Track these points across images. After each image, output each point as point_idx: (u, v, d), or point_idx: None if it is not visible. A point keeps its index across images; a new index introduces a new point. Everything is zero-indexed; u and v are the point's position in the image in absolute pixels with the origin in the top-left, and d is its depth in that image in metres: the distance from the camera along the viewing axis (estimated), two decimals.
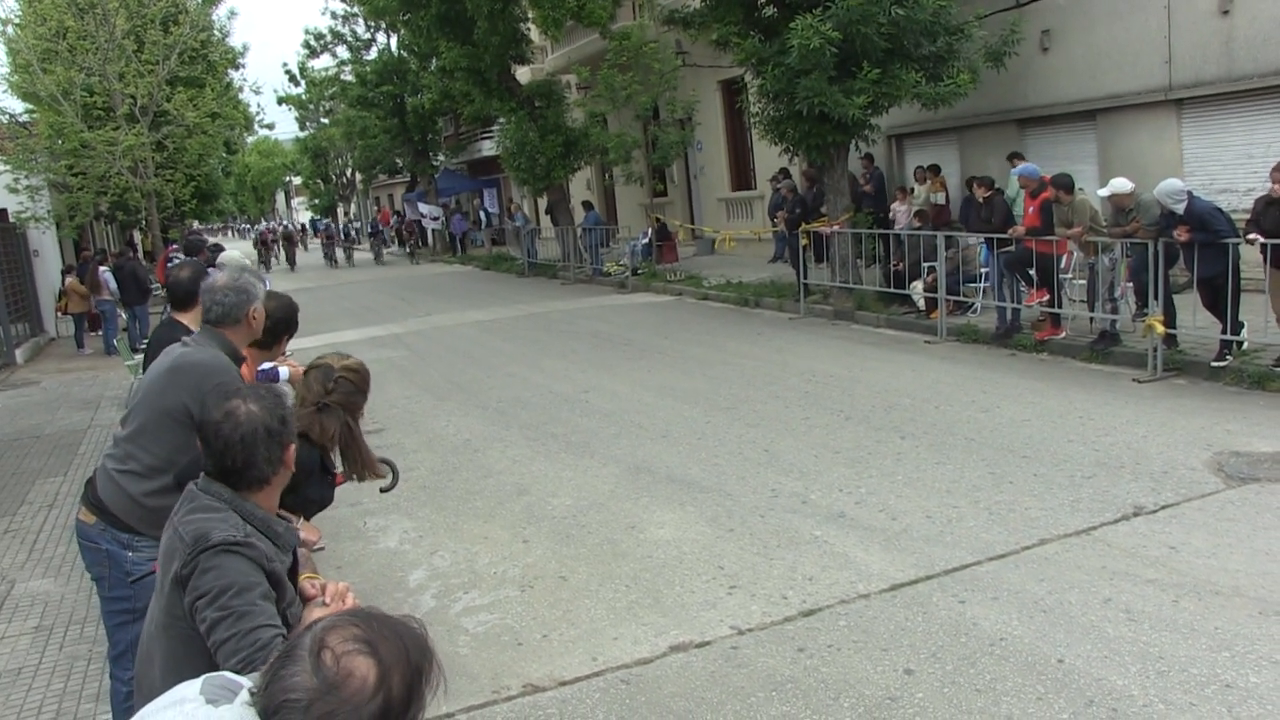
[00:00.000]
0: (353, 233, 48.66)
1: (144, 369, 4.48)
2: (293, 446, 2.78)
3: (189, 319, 4.65)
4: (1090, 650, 4.76)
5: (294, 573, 2.85)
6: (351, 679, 1.61)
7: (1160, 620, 5.00)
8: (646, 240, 24.08)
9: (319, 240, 49.36)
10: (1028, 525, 6.41)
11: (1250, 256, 10.06)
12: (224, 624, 2.45)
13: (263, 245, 46.14)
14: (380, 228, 45.80)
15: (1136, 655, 4.67)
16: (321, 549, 6.64)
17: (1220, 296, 9.80)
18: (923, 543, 6.29)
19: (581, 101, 25.58)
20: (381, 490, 4.15)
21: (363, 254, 44.36)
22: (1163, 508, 6.53)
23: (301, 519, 3.93)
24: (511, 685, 4.99)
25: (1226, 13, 13.37)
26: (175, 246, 21.06)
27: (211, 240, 20.72)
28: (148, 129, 22.28)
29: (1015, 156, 15.76)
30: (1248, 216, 10.04)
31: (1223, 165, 13.71)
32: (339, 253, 41.82)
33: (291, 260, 44.00)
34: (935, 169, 17.70)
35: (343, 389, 3.97)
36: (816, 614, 5.46)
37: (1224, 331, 9.83)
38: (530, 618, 5.76)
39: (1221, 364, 9.79)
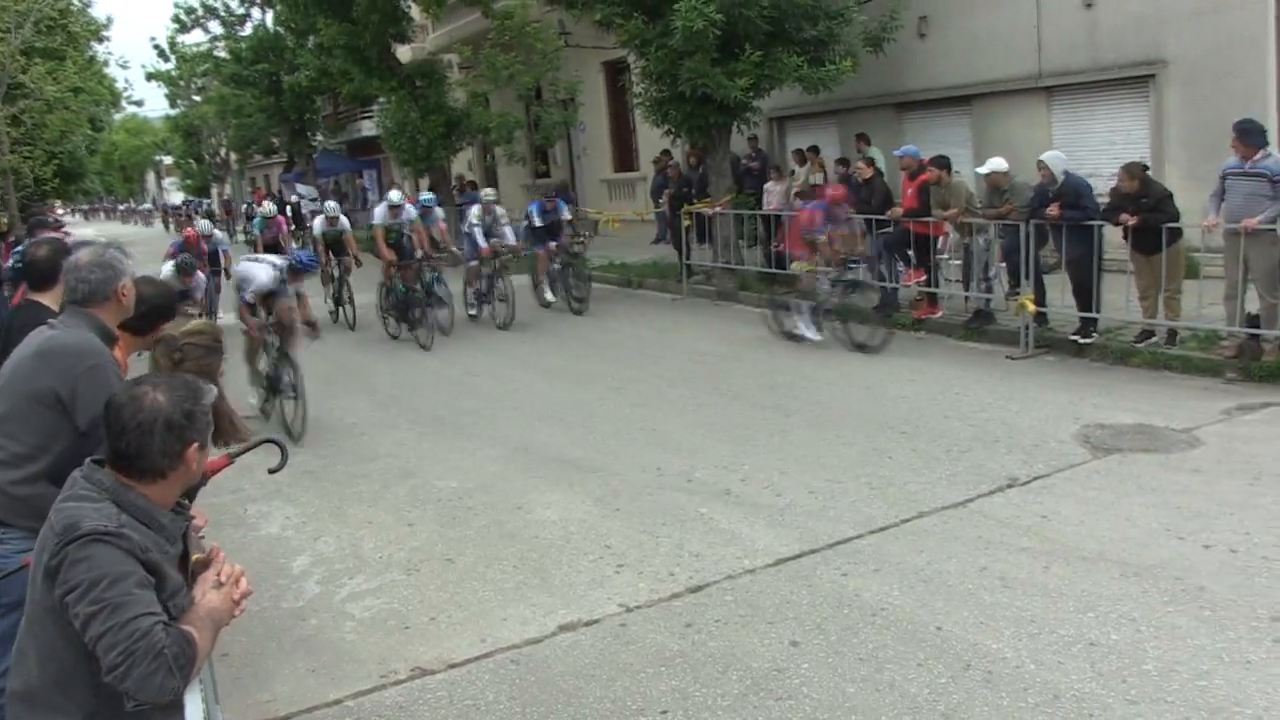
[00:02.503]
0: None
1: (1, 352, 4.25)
2: (196, 446, 2.68)
3: (49, 299, 4.44)
4: (967, 617, 4.91)
5: (184, 562, 2.75)
6: None
7: (1032, 586, 5.18)
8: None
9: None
10: (907, 499, 6.57)
11: (1113, 238, 10.45)
12: (99, 618, 2.35)
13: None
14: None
15: (1010, 619, 4.84)
16: (202, 538, 6.46)
17: (1086, 276, 10.17)
18: (806, 518, 6.40)
19: (464, 81, 25.22)
20: (270, 471, 4.04)
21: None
22: (1034, 479, 6.77)
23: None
24: (400, 669, 4.94)
25: (1090, 5, 13.88)
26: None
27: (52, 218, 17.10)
28: (1, 102, 21.24)
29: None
30: (1107, 201, 10.45)
31: (1089, 150, 14.20)
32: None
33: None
34: (815, 150, 17.94)
35: (193, 355, 3.82)
36: (703, 590, 5.52)
37: (1086, 310, 10.22)
38: (417, 601, 5.70)
39: (1088, 340, 10.17)
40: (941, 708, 4.20)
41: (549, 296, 15.52)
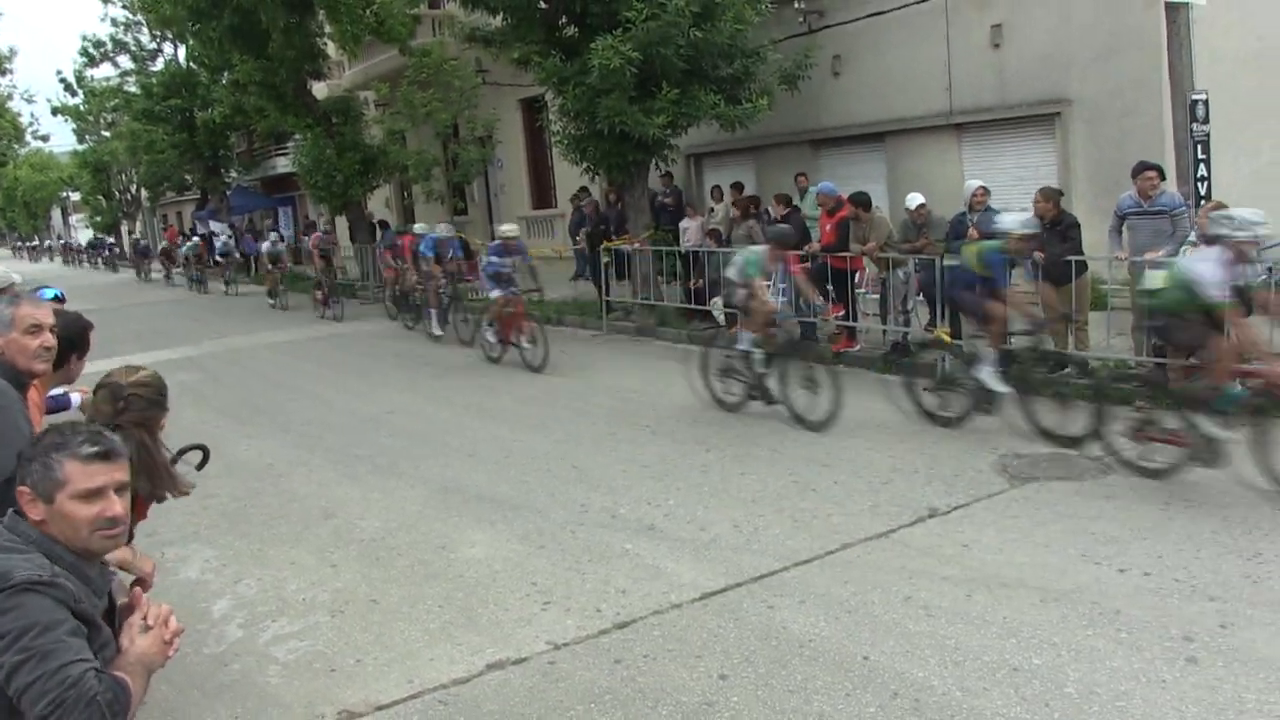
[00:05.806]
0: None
1: None
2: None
3: None
4: (893, 646, 4.97)
5: (110, 616, 2.67)
6: None
7: (955, 614, 5.27)
8: None
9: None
10: (830, 531, 6.64)
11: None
12: (26, 667, 2.25)
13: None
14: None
15: (935, 648, 4.91)
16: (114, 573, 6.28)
17: None
18: (731, 551, 6.43)
19: (380, 118, 25.14)
20: (198, 468, 4.00)
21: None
22: (955, 508, 6.90)
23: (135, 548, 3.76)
24: (326, 713, 4.84)
25: (998, 46, 14.34)
26: None
27: None
28: None
29: (801, 176, 16.40)
30: None
31: (999, 186, 14.51)
32: None
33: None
34: (739, 186, 18.06)
35: (136, 407, 3.74)
36: (631, 625, 5.51)
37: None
38: (343, 643, 5.60)
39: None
40: None
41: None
